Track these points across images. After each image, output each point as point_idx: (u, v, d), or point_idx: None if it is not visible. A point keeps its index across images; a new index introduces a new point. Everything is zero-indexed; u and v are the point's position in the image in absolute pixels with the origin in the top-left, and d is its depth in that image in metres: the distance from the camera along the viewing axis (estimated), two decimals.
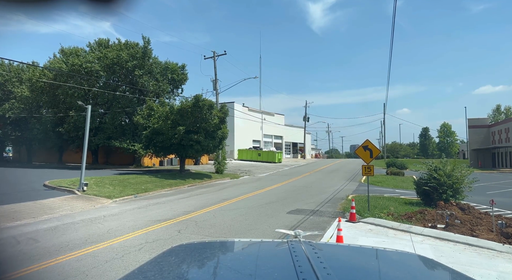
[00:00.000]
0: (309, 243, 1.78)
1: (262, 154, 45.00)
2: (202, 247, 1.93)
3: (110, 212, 11.08)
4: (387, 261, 1.82)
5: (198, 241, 2.08)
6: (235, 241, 2.20)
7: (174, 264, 1.59)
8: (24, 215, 10.05)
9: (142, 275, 1.45)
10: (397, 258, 1.88)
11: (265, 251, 1.87)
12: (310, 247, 1.66)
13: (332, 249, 1.98)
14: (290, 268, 1.34)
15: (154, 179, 19.60)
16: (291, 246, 1.68)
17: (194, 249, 1.87)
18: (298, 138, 63.93)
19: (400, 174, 27.97)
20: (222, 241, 2.22)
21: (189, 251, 1.85)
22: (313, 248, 1.65)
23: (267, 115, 55.03)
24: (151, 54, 29.03)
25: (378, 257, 1.85)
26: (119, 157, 32.88)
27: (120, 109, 28.84)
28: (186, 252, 1.83)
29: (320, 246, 1.82)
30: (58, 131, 29.46)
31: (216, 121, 21.92)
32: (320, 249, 1.69)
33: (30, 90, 30.36)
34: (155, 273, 1.46)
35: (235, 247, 2.07)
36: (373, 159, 11.59)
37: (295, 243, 1.75)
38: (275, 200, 13.22)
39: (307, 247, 1.67)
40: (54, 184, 15.49)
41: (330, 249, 1.94)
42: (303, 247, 1.65)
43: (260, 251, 1.91)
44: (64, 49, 28.89)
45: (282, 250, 1.72)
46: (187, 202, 13.19)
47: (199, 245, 1.97)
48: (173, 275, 1.44)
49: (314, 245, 1.75)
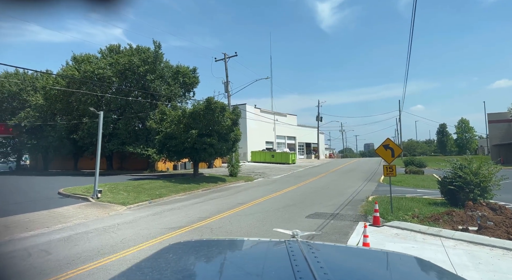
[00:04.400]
0: (307, 243, 1.78)
1: (275, 155, 44.52)
2: (200, 245, 1.96)
3: (124, 220, 10.85)
4: (384, 262, 1.83)
5: (195, 240, 2.10)
6: (232, 240, 2.21)
7: (171, 261, 1.60)
8: (37, 224, 9.89)
9: (139, 271, 1.48)
10: (394, 259, 1.90)
11: (263, 251, 1.89)
12: (307, 247, 1.66)
13: (329, 250, 1.98)
14: (287, 267, 1.35)
15: (168, 184, 19.40)
16: (288, 246, 1.69)
17: (191, 247, 1.90)
18: (312, 138, 63.18)
19: (419, 173, 27.09)
20: (219, 239, 2.22)
21: (187, 249, 1.87)
22: (311, 248, 1.65)
23: (279, 116, 54.54)
24: (162, 58, 28.99)
25: (375, 258, 1.86)
26: (133, 162, 32.94)
27: (133, 114, 28.88)
28: (183, 250, 1.85)
29: (318, 246, 1.82)
30: (72, 138, 29.68)
31: (228, 123, 21.61)
32: (318, 249, 1.69)
33: (44, 98, 30.72)
34: (152, 270, 1.49)
35: (232, 246, 2.06)
36: (395, 158, 11.04)
37: (293, 243, 1.75)
38: (292, 204, 12.78)
39: (305, 247, 1.67)
40: (69, 192, 15.41)
41: (328, 250, 1.94)
42: (300, 247, 1.66)
43: (257, 251, 1.93)
44: (76, 56, 29.11)
45: (279, 249, 1.73)
46: (202, 207, 12.88)
47: (197, 243, 2.00)
48: (170, 272, 1.45)
49: (312, 245, 1.75)
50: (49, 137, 31.18)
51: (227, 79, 27.68)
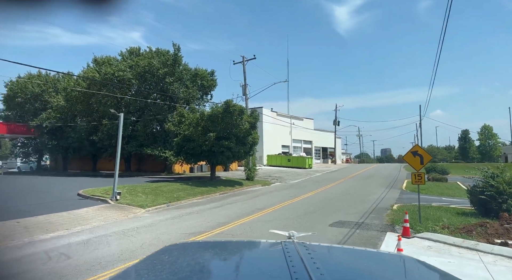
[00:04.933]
0: (303, 244, 1.79)
1: (292, 159, 44.04)
2: (196, 246, 1.96)
3: (143, 223, 10.70)
4: (380, 262, 1.83)
5: (192, 241, 2.20)
6: (229, 242, 2.20)
7: (167, 263, 1.60)
8: (57, 226, 9.84)
9: (135, 273, 1.48)
10: (390, 260, 1.90)
11: (259, 252, 1.90)
12: (303, 248, 1.67)
13: (326, 250, 1.98)
14: (284, 268, 1.35)
15: (185, 186, 19.27)
16: (285, 247, 1.69)
17: (187, 249, 1.90)
18: (328, 142, 62.36)
19: (443, 180, 26.16)
20: (216, 241, 2.27)
21: (183, 250, 1.87)
22: (307, 249, 1.65)
23: (296, 119, 54.06)
24: (181, 61, 29.09)
25: (371, 259, 1.85)
26: (151, 164, 33.10)
27: (152, 116, 29.04)
28: (179, 251, 1.84)
29: (314, 247, 1.81)
30: (92, 140, 30.05)
31: (246, 126, 21.38)
32: (314, 250, 1.69)
33: (65, 99, 31.26)
34: (148, 272, 1.49)
35: (229, 247, 2.03)
36: (424, 165, 10.53)
37: (289, 244, 1.76)
38: (313, 210, 12.39)
39: (301, 248, 1.67)
40: (88, 193, 15.45)
41: (324, 250, 1.94)
42: (297, 248, 1.66)
43: (254, 252, 1.92)
44: (97, 58, 29.55)
45: (276, 250, 1.73)
46: (220, 212, 12.63)
47: (193, 245, 2.02)
48: (165, 273, 1.45)
49: (308, 246, 1.74)
50: (69, 138, 31.68)
51: (245, 82, 27.52)
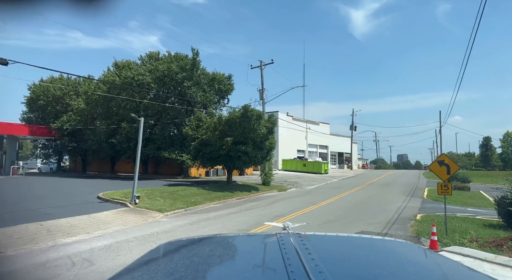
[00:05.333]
0: (298, 235, 1.79)
1: (307, 164, 43.66)
2: (191, 244, 1.95)
3: (162, 228, 10.69)
4: (376, 249, 1.82)
5: (186, 238, 2.09)
6: (224, 236, 2.18)
7: (162, 263, 1.59)
8: (79, 230, 9.93)
9: (129, 275, 1.45)
10: (386, 246, 1.88)
11: (254, 245, 1.89)
12: (298, 239, 1.67)
13: (321, 240, 1.97)
14: (279, 260, 1.36)
15: (202, 191, 19.29)
16: (279, 239, 1.69)
17: (182, 247, 1.89)
18: (344, 147, 61.64)
19: (465, 189, 25.38)
20: (210, 236, 2.19)
21: (178, 248, 1.85)
22: (301, 240, 1.66)
23: (311, 124, 53.67)
24: (199, 65, 29.29)
25: (367, 246, 1.84)
26: (168, 167, 33.37)
27: (169, 120, 29.29)
28: (174, 249, 1.83)
29: (309, 237, 1.81)
30: (111, 142, 30.52)
31: (264, 131, 21.29)
32: (309, 240, 1.70)
33: (85, 102, 31.88)
34: (142, 273, 1.47)
35: (224, 242, 2.01)
36: (451, 176, 10.17)
37: (284, 235, 1.76)
38: (333, 219, 12.14)
39: (296, 238, 1.67)
40: (107, 196, 15.60)
41: (319, 240, 1.93)
42: (291, 239, 1.66)
43: (249, 245, 1.92)
44: (118, 63, 30.08)
45: (271, 242, 1.74)
46: (238, 218, 12.53)
47: (188, 242, 1.99)
48: (161, 274, 1.43)
49: (303, 237, 1.75)
50: (89, 141, 32.26)
51: (262, 87, 27.48)
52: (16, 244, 7.98)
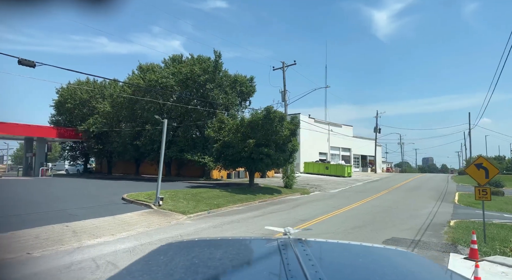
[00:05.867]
0: (299, 240, 1.80)
1: (330, 167, 42.88)
2: (191, 245, 1.95)
3: (186, 231, 10.57)
4: (376, 257, 1.81)
5: (187, 240, 2.10)
6: (225, 239, 2.19)
7: (162, 264, 1.59)
8: (103, 231, 9.93)
9: (129, 276, 1.47)
10: (386, 255, 1.88)
11: (255, 249, 1.89)
12: (299, 244, 1.68)
13: (321, 246, 1.97)
14: (279, 266, 1.36)
15: (225, 193, 19.15)
16: (280, 244, 1.70)
17: (183, 248, 1.89)
18: (368, 150, 60.24)
19: (499, 194, 24.07)
20: (211, 239, 2.21)
21: (178, 250, 1.85)
22: (302, 245, 1.66)
23: (334, 126, 52.77)
24: (222, 67, 29.33)
25: (367, 254, 1.84)
26: (190, 169, 33.55)
27: (192, 122, 29.45)
28: (175, 251, 1.83)
29: (310, 243, 1.81)
30: (135, 144, 30.99)
31: (286, 133, 20.94)
32: (310, 246, 1.70)
33: (111, 105, 32.55)
34: (143, 273, 1.48)
35: (224, 246, 1.98)
36: (490, 180, 9.51)
37: (285, 241, 1.77)
38: (361, 224, 11.65)
39: (296, 244, 1.68)
40: (132, 198, 15.70)
41: (320, 246, 1.94)
42: (292, 244, 1.67)
43: (249, 249, 1.91)
44: (142, 66, 30.58)
45: (271, 247, 1.75)
46: (262, 221, 12.24)
47: (188, 244, 2.00)
48: (161, 275, 1.44)
49: (304, 242, 1.75)
50: (114, 143, 32.89)
51: (284, 88, 27.11)
52: (43, 245, 8.01)
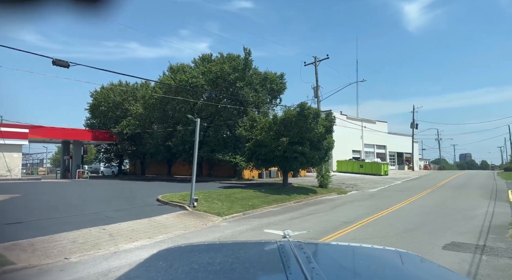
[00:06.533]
0: (298, 243, 1.77)
1: (364, 165, 41.31)
2: (190, 250, 1.96)
3: (223, 234, 10.10)
4: (376, 259, 1.81)
5: (186, 244, 2.14)
6: (223, 243, 2.15)
7: (161, 269, 1.57)
8: (140, 234, 9.63)
9: None
10: (386, 256, 1.88)
11: (255, 253, 1.87)
12: (299, 247, 1.67)
13: (321, 248, 1.97)
14: (279, 268, 1.37)
15: (259, 194, 18.61)
16: (280, 247, 1.70)
17: (182, 253, 1.90)
18: (404, 147, 57.71)
19: None
20: (210, 243, 2.18)
21: (177, 255, 1.85)
22: (302, 248, 1.65)
23: (367, 122, 50.94)
24: (252, 65, 28.82)
25: (367, 255, 1.86)
26: (221, 169, 33.35)
27: (222, 122, 29.17)
28: (174, 256, 1.82)
29: (309, 245, 1.81)
30: (167, 145, 31.15)
31: (321, 130, 20.07)
32: (309, 248, 1.69)
33: (143, 107, 32.93)
34: (142, 279, 1.49)
35: (224, 250, 1.92)
36: None
37: (284, 243, 1.76)
38: (412, 227, 10.66)
39: (296, 247, 1.67)
40: (166, 199, 15.49)
41: (319, 249, 1.94)
42: (292, 247, 1.66)
43: (249, 253, 1.89)
44: (173, 66, 30.68)
45: (271, 250, 1.75)
46: (302, 224, 11.54)
47: (187, 249, 2.02)
48: None
49: (303, 245, 1.74)
50: (147, 144, 33.27)
51: (317, 84, 26.15)
52: (80, 249, 7.76)
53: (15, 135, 28.52)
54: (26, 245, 7.64)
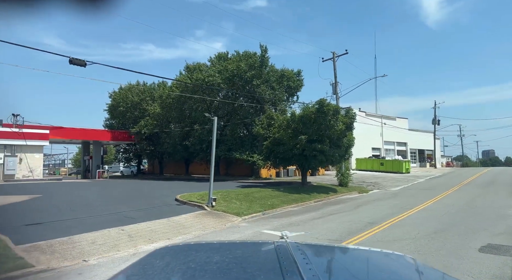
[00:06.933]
0: (296, 244, 1.77)
1: (385, 163, 40.31)
2: (188, 249, 1.94)
3: (243, 235, 9.81)
4: (373, 261, 1.81)
5: (183, 243, 2.11)
6: (221, 243, 2.15)
7: (158, 268, 1.58)
8: (159, 235, 9.45)
9: None
10: (383, 258, 1.89)
11: (252, 253, 1.86)
12: (296, 248, 1.66)
13: (319, 250, 1.95)
14: (276, 269, 1.36)
15: (277, 193, 18.26)
16: (277, 247, 1.70)
17: (179, 252, 1.88)
18: (425, 144, 56.11)
19: None
20: (208, 242, 2.17)
21: (174, 253, 1.85)
22: (299, 249, 1.65)
23: (387, 119, 49.71)
24: (268, 62, 28.44)
25: (365, 257, 1.84)
26: (238, 168, 33.14)
27: (239, 120, 28.93)
28: (171, 254, 1.82)
29: (307, 246, 1.80)
30: (184, 144, 31.17)
31: (341, 127, 19.52)
32: (307, 249, 1.69)
33: (160, 107, 33.06)
34: (139, 277, 1.48)
35: (221, 249, 1.93)
36: None
37: (282, 244, 1.76)
38: (442, 228, 10.07)
39: (294, 248, 1.67)
40: (185, 199, 15.34)
41: (317, 250, 1.92)
42: (289, 248, 1.66)
43: (246, 253, 1.87)
44: (189, 66, 30.63)
45: (268, 251, 1.74)
46: (324, 225, 11.11)
47: (185, 248, 2.00)
48: (157, 279, 1.43)
49: (301, 246, 1.74)
50: (165, 144, 33.40)
51: (335, 80, 25.54)
52: (99, 251, 7.62)
53: (36, 136, 29.12)
54: (45, 247, 7.54)
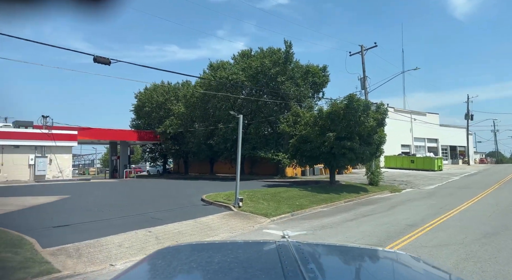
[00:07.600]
0: (297, 243, 1.77)
1: (416, 160, 38.69)
2: (190, 249, 1.95)
3: (273, 238, 9.26)
4: (374, 260, 1.81)
5: (185, 243, 2.11)
6: (223, 243, 2.15)
7: (160, 268, 1.57)
8: (187, 237, 9.14)
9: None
10: (384, 257, 1.88)
11: (253, 253, 1.85)
12: (298, 247, 1.66)
13: (320, 249, 1.96)
14: (277, 268, 1.36)
15: (305, 192, 17.65)
16: (278, 247, 1.69)
17: (181, 252, 1.89)
18: (457, 140, 53.60)
19: None
20: (209, 243, 2.24)
21: (176, 254, 1.85)
22: (301, 248, 1.65)
23: (417, 115, 47.76)
24: (293, 58, 27.76)
25: (366, 256, 1.84)
26: (263, 167, 32.64)
27: (263, 118, 28.44)
28: (173, 255, 1.82)
29: (308, 246, 1.80)
30: (209, 144, 31.03)
31: (372, 123, 18.61)
32: (308, 249, 1.69)
33: (185, 106, 33.07)
34: (140, 278, 1.49)
35: (222, 249, 1.91)
36: None
37: (283, 244, 1.75)
38: (493, 231, 9.17)
39: (295, 247, 1.67)
40: (211, 199, 15.03)
41: (318, 249, 1.93)
42: (291, 247, 1.66)
43: (248, 253, 1.87)
44: (213, 64, 30.42)
45: (269, 250, 1.73)
46: (359, 227, 10.43)
47: (187, 248, 2.00)
48: (159, 279, 1.43)
49: (302, 245, 1.73)
50: (189, 143, 33.40)
51: (364, 74, 24.56)
52: (126, 254, 7.34)
53: (65, 137, 29.82)
54: (72, 250, 7.34)
